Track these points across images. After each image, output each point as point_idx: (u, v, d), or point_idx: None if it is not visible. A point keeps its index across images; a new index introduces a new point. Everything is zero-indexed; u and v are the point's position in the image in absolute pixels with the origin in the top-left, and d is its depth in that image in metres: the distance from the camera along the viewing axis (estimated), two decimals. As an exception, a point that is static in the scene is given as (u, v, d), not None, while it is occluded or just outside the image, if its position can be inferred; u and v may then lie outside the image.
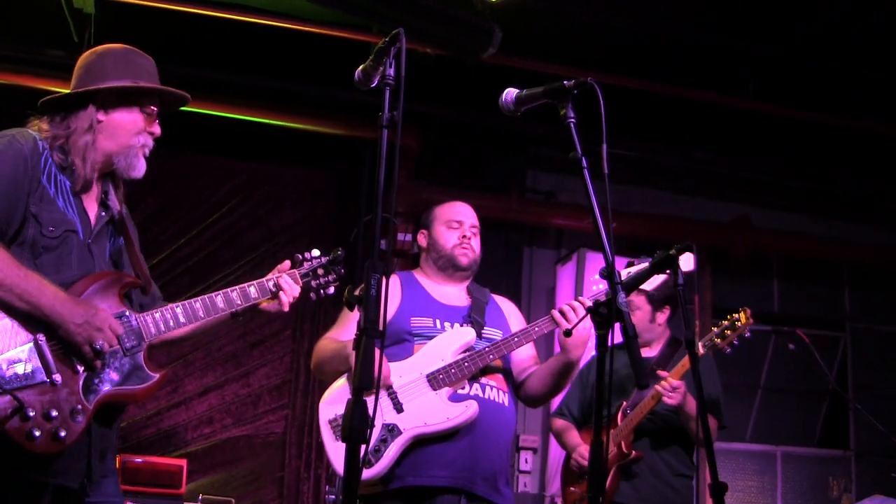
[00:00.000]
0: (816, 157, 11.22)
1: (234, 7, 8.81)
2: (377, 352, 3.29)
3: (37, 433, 3.61)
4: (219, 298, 4.25)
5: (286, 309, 4.49)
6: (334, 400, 4.96)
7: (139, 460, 8.01)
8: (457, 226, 5.39)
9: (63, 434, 3.67)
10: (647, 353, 6.49)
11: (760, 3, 8.89)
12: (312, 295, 4.63)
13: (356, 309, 3.39)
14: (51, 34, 9.04)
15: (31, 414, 3.62)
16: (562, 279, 10.90)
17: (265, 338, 10.00)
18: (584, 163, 3.67)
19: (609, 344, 3.54)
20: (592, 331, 3.74)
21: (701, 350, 5.94)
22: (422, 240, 5.48)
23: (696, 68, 9.79)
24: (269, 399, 9.99)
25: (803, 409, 12.22)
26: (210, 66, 9.48)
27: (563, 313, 4.99)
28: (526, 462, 10.52)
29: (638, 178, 11.32)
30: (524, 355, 5.34)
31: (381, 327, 3.30)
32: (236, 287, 4.33)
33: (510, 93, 3.99)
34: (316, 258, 4.65)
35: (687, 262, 5.21)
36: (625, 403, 6.30)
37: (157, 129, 4.17)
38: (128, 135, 4.08)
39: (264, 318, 4.66)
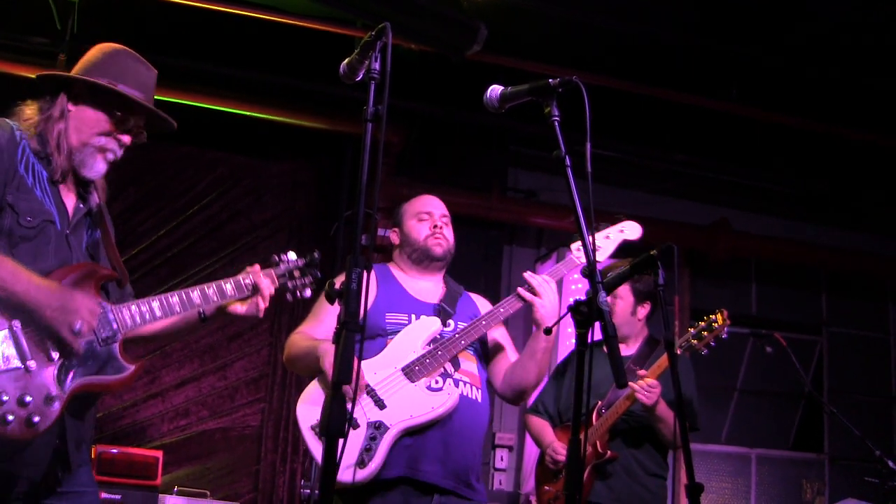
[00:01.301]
0: (796, 162, 11.28)
1: (221, -1, 8.82)
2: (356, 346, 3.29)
3: (10, 418, 3.60)
4: (195, 294, 4.24)
5: (262, 312, 4.47)
6: (312, 403, 4.94)
7: (115, 451, 7.97)
8: (426, 217, 5.39)
9: (37, 419, 3.66)
10: (624, 350, 6.45)
11: (744, 7, 8.90)
12: (289, 296, 4.63)
13: (336, 302, 3.38)
14: (34, 22, 9.00)
15: (5, 399, 3.61)
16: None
17: (243, 331, 9.95)
18: (568, 161, 3.66)
19: (588, 342, 3.54)
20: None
21: (678, 351, 5.94)
22: (394, 237, 5.47)
23: (680, 70, 9.82)
24: (245, 392, 9.97)
25: (779, 412, 12.24)
26: (194, 57, 9.46)
27: (529, 288, 5.03)
28: (501, 460, 10.52)
29: (618, 179, 11.33)
30: (496, 337, 5.35)
31: (360, 321, 3.29)
32: (212, 283, 4.31)
33: (495, 90, 3.98)
34: (293, 261, 4.65)
35: (633, 231, 5.26)
36: (600, 403, 6.28)
37: (125, 138, 4.12)
38: (89, 132, 4.05)
39: (236, 322, 4.59)
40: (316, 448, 4.81)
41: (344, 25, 8.95)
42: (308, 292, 4.70)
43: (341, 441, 3.62)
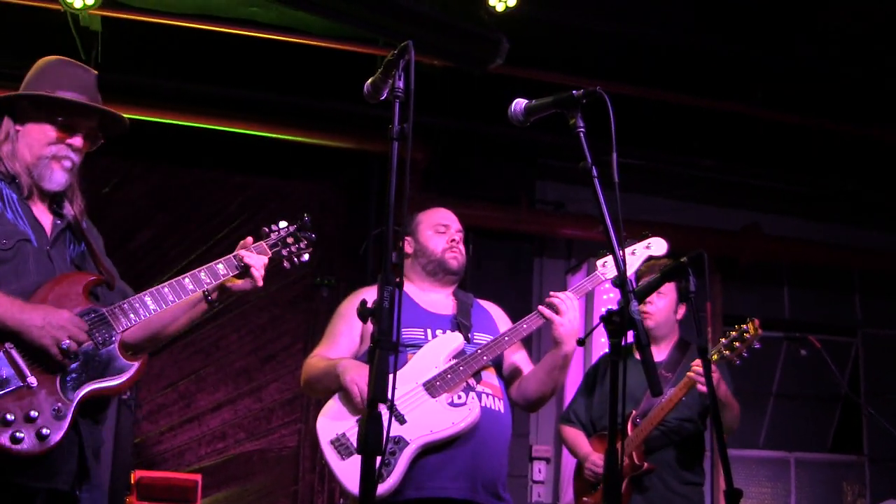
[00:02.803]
0: (825, 163, 11.19)
1: (241, 23, 8.84)
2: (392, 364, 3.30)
3: (20, 435, 3.64)
4: (186, 280, 4.24)
5: (259, 283, 4.43)
6: (333, 418, 4.93)
7: (154, 475, 8.02)
8: (443, 230, 5.38)
9: (47, 432, 3.69)
10: (656, 354, 6.40)
11: (767, 11, 8.89)
12: (286, 264, 4.62)
13: (369, 321, 3.39)
14: (58, 52, 9.03)
15: (11, 418, 3.64)
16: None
17: (276, 352, 9.99)
18: (595, 172, 3.66)
19: (621, 352, 3.54)
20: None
21: (699, 367, 5.83)
22: (407, 247, 5.42)
23: (704, 76, 9.80)
24: (281, 413, 10.00)
25: (816, 415, 12.17)
26: (218, 82, 9.50)
27: (550, 305, 5.00)
28: (539, 472, 10.50)
29: (646, 187, 11.30)
30: (516, 359, 5.34)
31: (394, 339, 3.30)
32: (204, 267, 4.30)
33: (519, 103, 3.99)
34: (283, 228, 4.64)
35: (659, 247, 5.23)
36: (634, 412, 6.23)
37: (75, 141, 4.13)
38: (38, 144, 4.08)
39: (237, 297, 4.54)
40: (336, 463, 4.81)
41: (366, 44, 8.96)
42: (306, 257, 4.68)
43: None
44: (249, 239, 4.52)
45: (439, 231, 5.38)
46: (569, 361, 5.13)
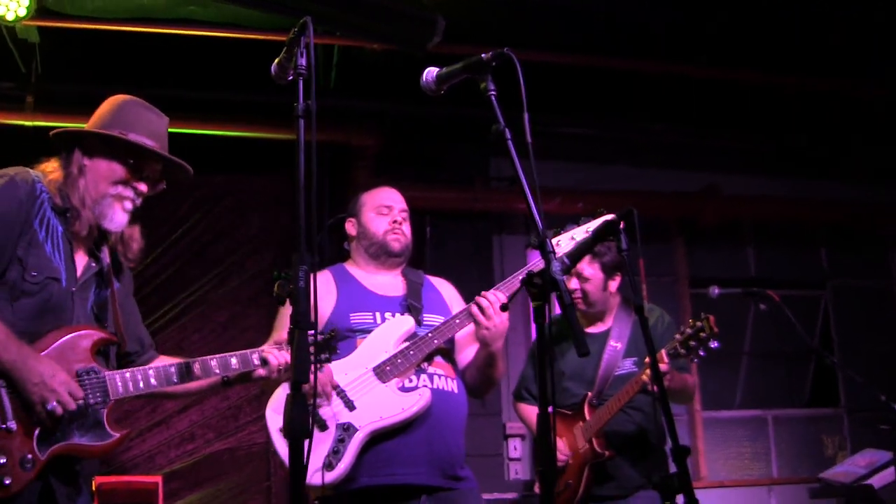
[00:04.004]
0: (776, 119, 11.19)
1: (181, 22, 8.78)
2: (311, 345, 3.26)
3: None
4: (196, 366, 4.27)
5: (274, 375, 4.48)
6: (279, 407, 4.88)
7: (114, 480, 7.95)
8: (386, 211, 5.34)
9: (8, 482, 3.67)
10: (601, 326, 6.40)
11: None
12: None
13: (287, 304, 3.35)
14: (-2, 66, 8.99)
15: None
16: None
17: (240, 349, 9.88)
18: (508, 135, 3.63)
19: (547, 316, 3.49)
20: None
21: (665, 359, 5.71)
22: (350, 228, 5.41)
23: (649, 41, 9.76)
24: (249, 410, 9.91)
25: (791, 371, 12.18)
26: (162, 84, 9.40)
27: (480, 308, 4.93)
28: (515, 449, 10.46)
29: (600, 156, 11.29)
30: (464, 337, 5.27)
31: (312, 318, 3.26)
32: (216, 356, 4.34)
33: (430, 72, 3.98)
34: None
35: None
36: (590, 394, 6.19)
37: (141, 186, 4.19)
38: (105, 182, 4.11)
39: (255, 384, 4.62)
40: (285, 452, 4.72)
41: (303, 33, 8.88)
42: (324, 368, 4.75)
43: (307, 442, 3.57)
44: (285, 337, 4.51)
45: (381, 213, 5.35)
46: (496, 359, 5.08)
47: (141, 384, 4.10)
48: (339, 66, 9.72)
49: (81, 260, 4.11)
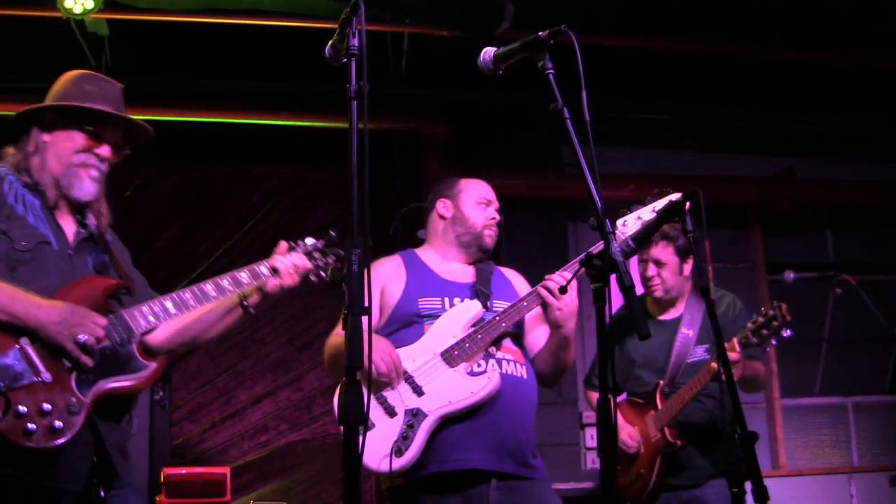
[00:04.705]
0: (854, 102, 10.97)
1: (247, 13, 8.81)
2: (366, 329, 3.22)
3: (31, 426, 3.62)
4: (209, 286, 4.26)
5: (289, 280, 4.44)
6: None
7: (182, 472, 7.96)
8: (487, 204, 5.31)
9: (59, 425, 3.68)
10: (673, 314, 6.34)
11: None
12: (313, 277, 4.59)
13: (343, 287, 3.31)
14: (67, 60, 9.00)
15: (24, 410, 3.63)
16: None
17: (312, 340, 9.87)
18: (567, 114, 3.56)
19: (607, 298, 3.41)
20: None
21: (737, 347, 5.64)
22: (444, 210, 5.35)
23: (720, 22, 9.62)
24: (322, 401, 9.92)
25: (871, 358, 11.97)
26: (231, 76, 9.46)
27: (548, 289, 4.86)
28: (591, 438, 10.37)
29: (672, 142, 11.17)
30: (534, 322, 5.22)
31: (366, 302, 3.21)
32: (227, 274, 4.33)
33: (487, 52, 3.95)
34: (310, 244, 4.63)
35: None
36: (661, 383, 6.13)
37: (103, 151, 4.19)
38: (67, 153, 4.14)
39: (271, 303, 4.55)
40: None
41: (373, 23, 8.88)
42: None
43: (379, 428, 3.52)
44: (284, 245, 4.54)
45: (482, 204, 5.32)
46: (570, 342, 5.02)
47: (161, 314, 4.11)
48: (410, 53, 9.68)
49: (69, 227, 4.16)
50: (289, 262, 4.43)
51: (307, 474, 9.79)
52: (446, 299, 5.06)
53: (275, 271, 4.39)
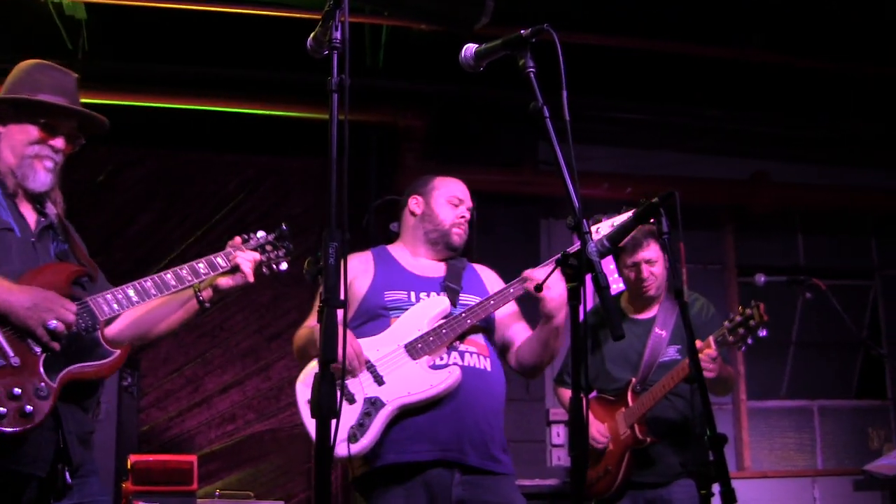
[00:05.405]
0: (830, 106, 11.00)
1: (227, 0, 8.75)
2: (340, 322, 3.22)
3: (2, 410, 3.64)
4: (168, 276, 4.29)
5: (250, 279, 4.49)
6: (309, 381, 4.87)
7: (149, 459, 7.95)
8: (458, 203, 5.32)
9: (29, 409, 3.71)
10: (648, 314, 6.36)
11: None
12: (265, 269, 4.64)
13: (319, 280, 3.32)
14: (44, 43, 8.99)
15: None
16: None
17: (282, 330, 9.88)
18: (546, 112, 3.57)
19: (582, 297, 3.43)
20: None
21: (713, 345, 5.67)
22: (415, 206, 5.37)
23: (701, 23, 9.63)
24: (290, 391, 9.78)
25: (838, 362, 12.06)
26: (207, 62, 9.43)
27: (537, 285, 4.88)
28: (558, 436, 10.38)
29: (651, 142, 11.20)
30: (511, 324, 5.26)
31: (342, 296, 3.21)
32: (185, 265, 4.36)
33: (469, 48, 3.95)
34: (262, 236, 4.70)
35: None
36: (634, 380, 6.16)
37: (57, 143, 4.20)
38: (20, 145, 4.16)
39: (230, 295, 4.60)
40: (310, 424, 4.73)
41: (352, 14, 8.82)
42: (284, 266, 4.73)
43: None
44: (238, 239, 4.61)
45: (453, 203, 5.32)
46: (562, 331, 5.01)
47: (124, 301, 4.14)
48: (388, 46, 9.67)
49: (30, 216, 4.19)
50: (247, 259, 4.47)
51: (274, 464, 9.80)
52: (412, 293, 5.09)
53: (234, 269, 4.44)
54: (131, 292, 4.18)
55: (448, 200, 5.31)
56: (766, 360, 11.44)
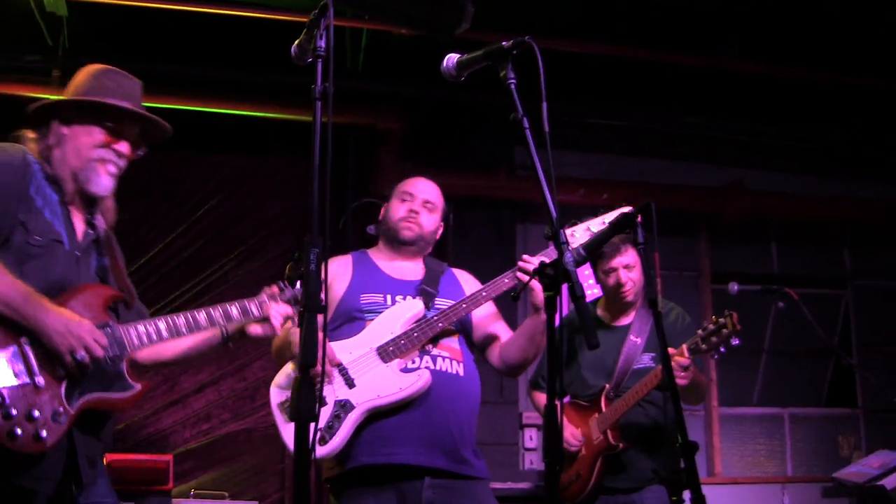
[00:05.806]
0: (807, 115, 11.08)
1: (208, 0, 8.76)
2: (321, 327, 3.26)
3: (18, 431, 3.66)
4: (201, 315, 4.32)
5: (279, 332, 4.59)
6: (283, 383, 4.94)
7: (125, 458, 7.96)
8: (408, 198, 5.34)
9: (44, 434, 3.71)
10: (624, 321, 6.41)
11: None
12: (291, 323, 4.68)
13: (298, 285, 3.36)
14: (25, 39, 9.00)
15: (14, 413, 3.67)
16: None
17: (259, 330, 9.91)
18: (526, 124, 3.62)
19: (558, 307, 3.48)
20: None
21: (686, 353, 5.72)
22: (384, 210, 5.44)
23: (679, 32, 9.70)
24: (266, 391, 9.79)
25: (809, 370, 12.13)
26: (189, 62, 9.44)
27: (523, 271, 4.93)
28: (530, 439, 10.45)
29: (627, 148, 11.25)
30: (491, 324, 5.30)
31: (322, 301, 3.25)
32: (219, 305, 4.39)
33: (451, 58, 3.99)
34: (297, 290, 4.62)
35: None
36: (607, 387, 6.21)
37: (122, 147, 4.22)
38: (86, 148, 4.14)
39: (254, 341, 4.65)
40: (282, 426, 4.84)
41: (335, 17, 8.84)
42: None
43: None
44: (275, 288, 4.60)
45: (403, 199, 5.36)
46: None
47: (154, 336, 4.15)
48: (368, 49, 9.70)
49: (80, 227, 4.18)
50: (280, 314, 4.52)
51: (248, 464, 9.80)
52: (388, 296, 5.13)
53: (265, 319, 4.49)
54: (163, 326, 4.19)
55: (399, 198, 5.37)
56: (738, 367, 11.51)
